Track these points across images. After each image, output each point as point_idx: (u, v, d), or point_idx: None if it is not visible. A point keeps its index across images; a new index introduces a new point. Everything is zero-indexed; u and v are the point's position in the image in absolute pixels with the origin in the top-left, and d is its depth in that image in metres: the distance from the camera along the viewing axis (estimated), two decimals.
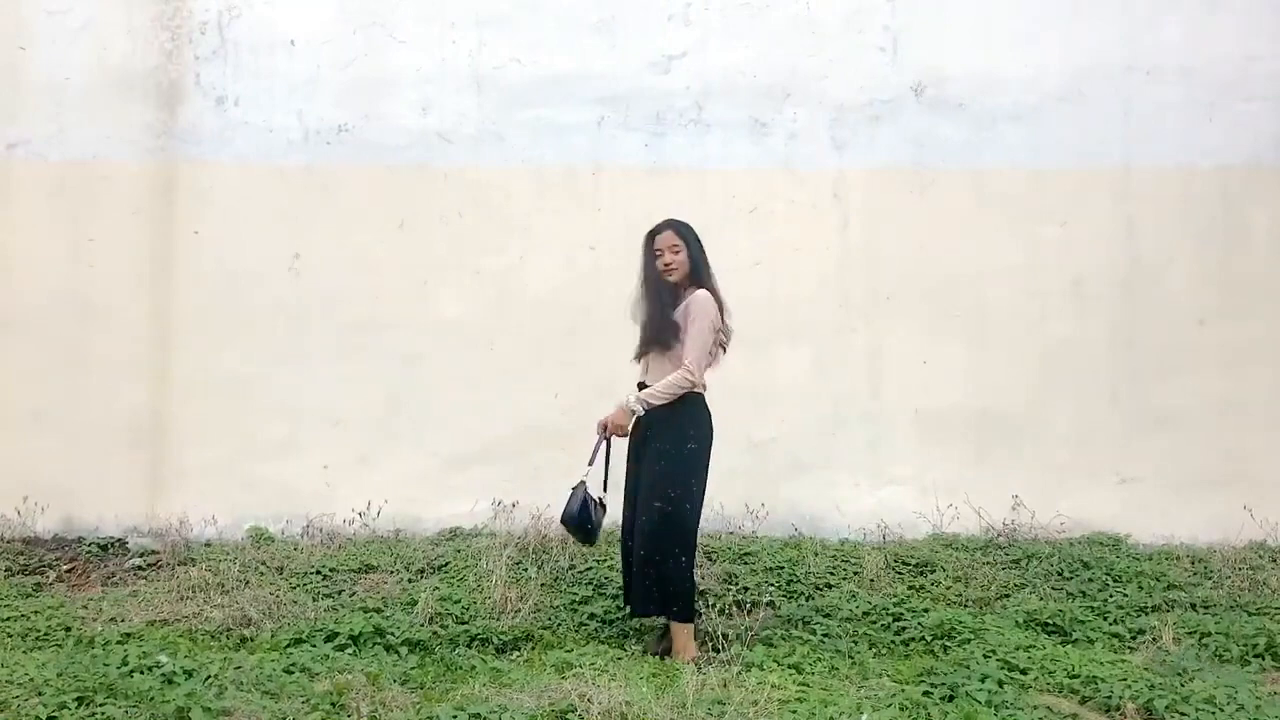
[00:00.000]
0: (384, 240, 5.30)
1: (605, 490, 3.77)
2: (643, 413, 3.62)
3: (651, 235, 3.87)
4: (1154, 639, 3.81)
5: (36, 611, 4.01)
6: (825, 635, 3.84)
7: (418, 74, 5.34)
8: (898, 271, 5.34)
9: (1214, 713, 3.01)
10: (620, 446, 3.77)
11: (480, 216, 5.34)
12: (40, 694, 2.97)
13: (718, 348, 3.80)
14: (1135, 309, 5.33)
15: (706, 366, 3.73)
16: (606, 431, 3.69)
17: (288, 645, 3.63)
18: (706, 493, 3.70)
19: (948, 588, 4.41)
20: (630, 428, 3.70)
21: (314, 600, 4.16)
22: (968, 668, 3.35)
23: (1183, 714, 3.01)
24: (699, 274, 3.83)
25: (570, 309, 5.24)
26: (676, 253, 3.81)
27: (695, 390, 3.67)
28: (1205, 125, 5.37)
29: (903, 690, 3.21)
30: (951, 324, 5.33)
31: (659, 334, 3.70)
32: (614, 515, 3.80)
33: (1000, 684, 3.23)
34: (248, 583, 4.32)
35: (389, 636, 3.68)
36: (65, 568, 4.77)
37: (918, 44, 5.40)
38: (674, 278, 3.80)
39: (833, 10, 5.40)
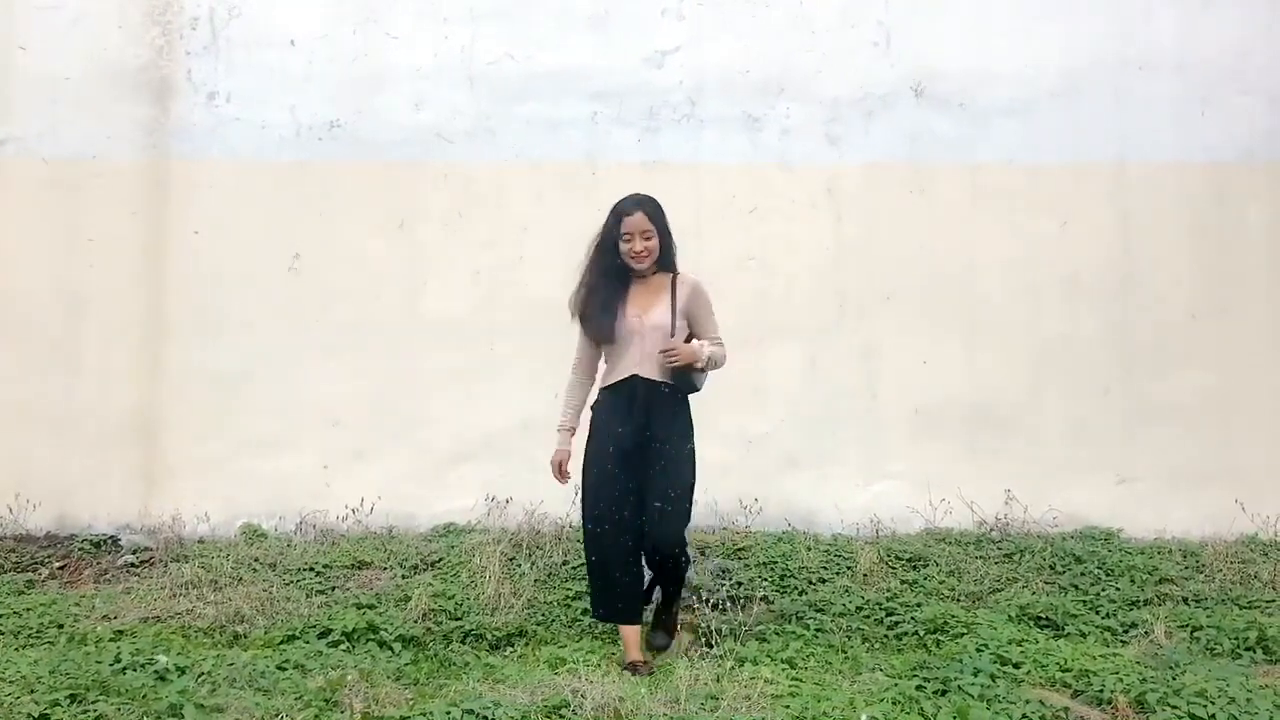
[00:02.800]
0: (378, 236, 5.29)
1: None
2: (702, 362, 3.48)
3: (619, 216, 3.52)
4: (1146, 632, 3.83)
5: (29, 609, 4.00)
6: (818, 630, 3.85)
7: (411, 70, 5.33)
8: (892, 267, 5.34)
9: (1205, 705, 3.01)
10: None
11: (475, 212, 5.33)
12: (33, 691, 2.96)
13: None
14: (1129, 303, 5.34)
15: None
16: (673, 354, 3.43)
17: (281, 642, 3.63)
18: (701, 487, 3.68)
19: (941, 582, 4.42)
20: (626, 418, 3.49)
21: (307, 597, 4.16)
22: (960, 662, 3.36)
23: (1174, 707, 3.02)
24: (668, 260, 3.57)
25: (566, 305, 5.21)
26: (648, 239, 3.50)
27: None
28: (1199, 120, 5.37)
29: (896, 684, 3.21)
30: (946, 319, 5.33)
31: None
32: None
33: (993, 678, 3.24)
34: (241, 579, 4.32)
35: (382, 633, 3.67)
36: (58, 565, 4.76)
37: (912, 39, 5.39)
38: (642, 266, 3.53)
39: (826, 6, 5.40)
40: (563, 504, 4.94)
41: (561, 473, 3.67)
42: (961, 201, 5.37)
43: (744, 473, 5.16)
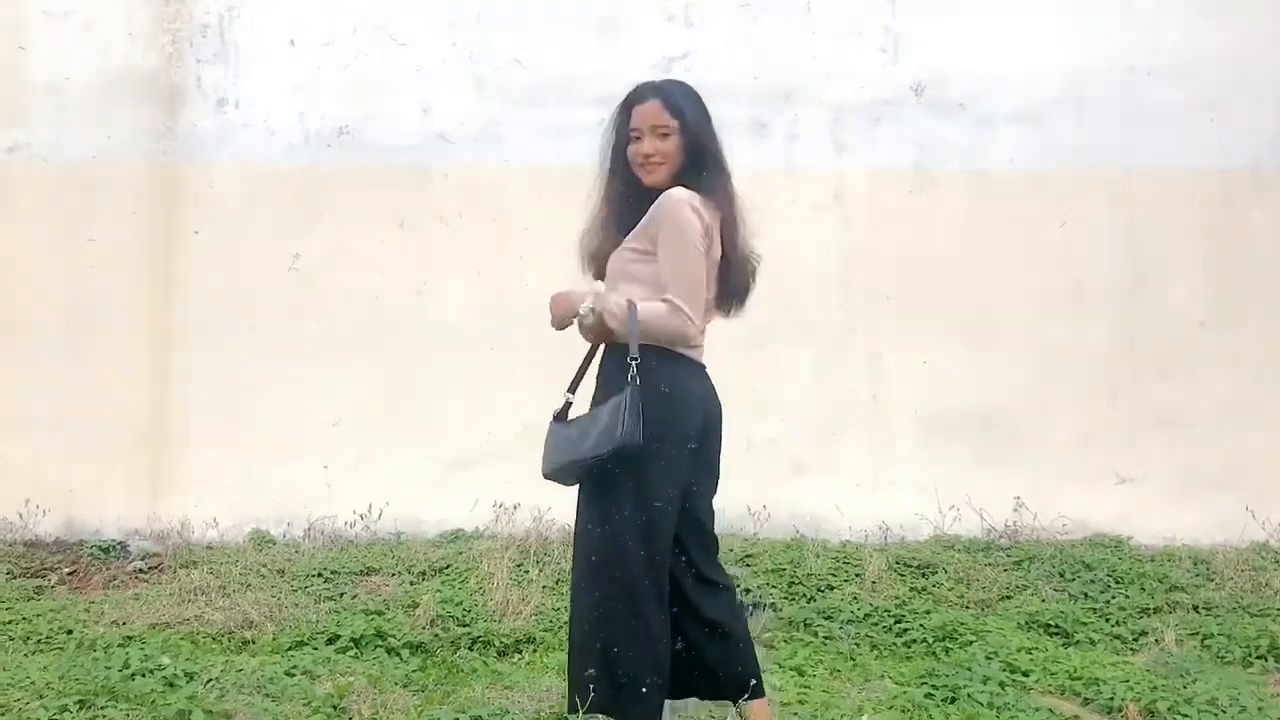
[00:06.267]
0: (385, 241, 5.30)
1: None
2: (588, 314, 2.47)
3: (628, 106, 2.56)
4: (1156, 640, 3.81)
5: (38, 614, 4.00)
6: (827, 637, 3.84)
7: (418, 75, 5.34)
8: (899, 272, 5.34)
9: (1216, 714, 3.00)
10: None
11: (481, 217, 5.34)
12: (41, 697, 2.96)
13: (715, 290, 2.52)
14: (1136, 310, 5.33)
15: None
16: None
17: (289, 648, 3.63)
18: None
19: (949, 589, 4.40)
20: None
21: (315, 603, 4.16)
22: (969, 669, 3.34)
23: (1185, 715, 3.01)
24: (696, 173, 2.51)
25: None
26: (664, 137, 2.48)
27: (685, 347, 2.48)
28: (1205, 127, 5.36)
29: (904, 692, 3.20)
30: (953, 325, 5.32)
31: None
32: None
33: (1002, 685, 3.23)
34: (249, 585, 4.32)
35: (390, 639, 3.67)
36: (67, 571, 4.76)
37: (918, 45, 5.39)
38: (652, 178, 2.51)
39: (833, 12, 5.40)
40: (570, 509, 4.94)
41: None
42: (968, 208, 5.36)
43: (751, 479, 5.14)
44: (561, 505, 4.94)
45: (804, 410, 5.27)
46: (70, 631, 3.82)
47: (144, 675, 3.18)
